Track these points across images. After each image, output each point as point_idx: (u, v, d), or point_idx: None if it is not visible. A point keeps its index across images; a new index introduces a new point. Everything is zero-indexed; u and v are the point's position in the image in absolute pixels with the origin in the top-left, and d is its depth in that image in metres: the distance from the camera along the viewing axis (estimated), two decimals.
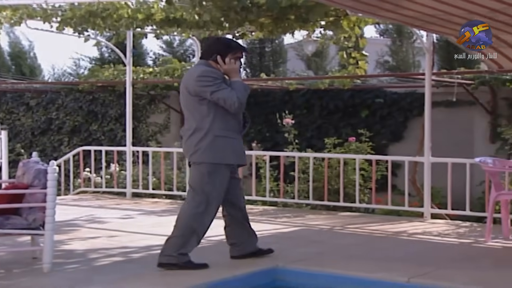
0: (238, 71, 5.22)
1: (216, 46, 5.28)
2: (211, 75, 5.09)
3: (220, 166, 5.14)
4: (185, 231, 5.15)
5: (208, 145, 5.10)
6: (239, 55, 5.26)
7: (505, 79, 10.24)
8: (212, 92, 5.04)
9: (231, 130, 5.18)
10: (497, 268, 5.42)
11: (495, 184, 6.65)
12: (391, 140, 12.11)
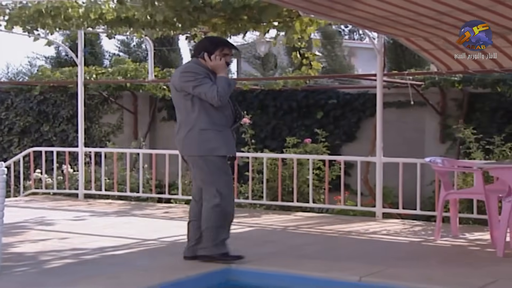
0: (224, 67, 5.36)
1: (203, 44, 5.49)
2: (193, 71, 5.29)
3: (213, 158, 5.28)
4: (211, 223, 5.31)
5: (196, 139, 5.28)
6: (227, 52, 5.40)
7: (454, 80, 10.43)
8: (193, 87, 5.23)
9: (217, 124, 5.30)
10: (445, 266, 5.52)
11: (444, 184, 6.76)
12: (344, 141, 12.23)
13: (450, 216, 6.95)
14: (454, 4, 5.55)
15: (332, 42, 16.96)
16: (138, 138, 12.85)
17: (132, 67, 13.57)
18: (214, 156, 5.28)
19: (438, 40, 7.08)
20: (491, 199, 6.33)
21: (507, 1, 5.35)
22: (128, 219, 8.20)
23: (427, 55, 7.65)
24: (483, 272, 5.20)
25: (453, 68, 7.92)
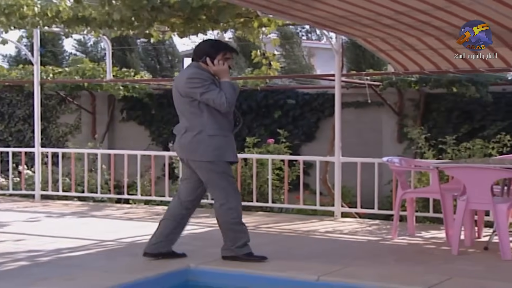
0: (227, 71, 5.34)
1: (205, 48, 5.42)
2: (199, 77, 5.25)
3: (221, 163, 5.34)
4: (228, 226, 5.41)
5: (205, 144, 5.28)
6: (228, 56, 5.38)
7: (411, 80, 10.57)
8: (201, 94, 5.21)
9: (223, 129, 5.33)
10: (402, 264, 5.59)
11: (401, 183, 6.85)
12: (303, 141, 12.29)
13: (407, 215, 7.04)
14: (411, 4, 5.63)
15: (291, 42, 17.04)
16: (95, 139, 12.72)
17: (89, 66, 13.42)
18: (223, 161, 5.33)
19: (395, 41, 7.17)
20: (447, 198, 6.44)
21: (461, 2, 5.44)
22: (86, 220, 8.11)
23: (384, 56, 7.74)
24: (438, 270, 5.28)
25: (410, 69, 8.02)
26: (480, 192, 5.86)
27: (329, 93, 11.70)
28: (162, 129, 13.51)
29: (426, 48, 7.26)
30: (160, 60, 18.99)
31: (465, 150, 8.76)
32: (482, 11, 5.69)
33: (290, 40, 16.93)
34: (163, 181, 9.44)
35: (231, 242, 5.45)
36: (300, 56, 17.21)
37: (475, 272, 5.27)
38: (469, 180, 5.96)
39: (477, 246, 6.21)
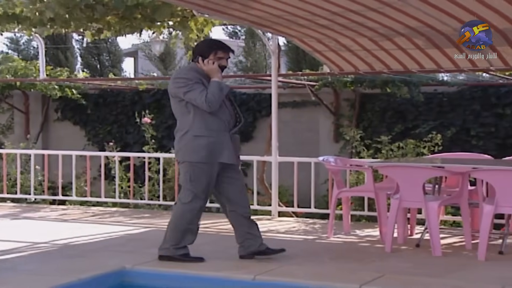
0: (217, 71, 5.29)
1: (198, 48, 5.45)
2: (184, 77, 5.27)
3: (202, 165, 5.26)
4: (177, 226, 5.39)
5: (187, 145, 5.27)
6: (221, 56, 5.33)
7: (346, 81, 10.73)
8: (184, 93, 5.21)
9: (212, 130, 5.25)
10: (337, 262, 5.65)
11: (337, 182, 6.93)
12: (241, 140, 12.20)
13: (343, 214, 7.12)
14: (345, 5, 5.71)
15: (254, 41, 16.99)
16: (28, 139, 12.43)
17: (21, 65, 13.10)
18: (204, 163, 5.26)
19: (330, 42, 7.26)
20: (380, 197, 6.55)
21: (393, 4, 5.55)
22: (19, 222, 7.92)
23: (320, 56, 7.83)
24: (372, 267, 5.36)
25: (345, 69, 8.13)
26: (412, 190, 5.98)
27: (266, 93, 11.76)
28: (98, 129, 13.33)
29: (361, 49, 7.38)
30: (101, 59, 18.73)
31: (398, 150, 8.94)
32: (413, 12, 5.82)
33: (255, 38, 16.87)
34: (99, 182, 9.31)
35: (172, 242, 5.41)
36: (262, 54, 17.18)
37: (406, 268, 5.36)
38: (402, 179, 6.08)
39: (410, 243, 6.33)
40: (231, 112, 5.37)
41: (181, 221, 5.41)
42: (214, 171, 5.34)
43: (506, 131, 10.34)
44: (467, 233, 6.16)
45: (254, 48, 17.06)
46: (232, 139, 5.38)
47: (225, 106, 5.32)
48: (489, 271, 5.12)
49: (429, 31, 6.31)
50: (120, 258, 5.57)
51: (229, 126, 5.35)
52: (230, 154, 5.34)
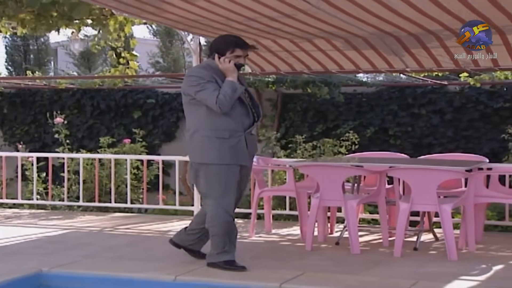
0: (233, 70, 5.06)
1: (215, 45, 5.20)
2: (197, 75, 5.06)
3: (214, 166, 5.04)
4: (214, 232, 5.17)
5: (198, 145, 5.07)
6: (239, 54, 5.12)
7: (268, 81, 10.81)
8: (196, 92, 5.01)
9: (224, 130, 5.02)
10: (258, 261, 5.66)
11: (258, 182, 6.98)
12: (163, 140, 12.26)
13: (264, 213, 7.18)
14: (260, 11, 5.73)
15: (171, 40, 16.83)
16: None
17: None
18: (214, 164, 5.02)
19: (250, 43, 7.27)
20: (301, 196, 6.63)
21: (307, 11, 5.63)
22: None
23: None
24: (292, 266, 5.42)
25: (266, 69, 8.19)
26: (332, 189, 6.08)
27: None
28: (15, 129, 12.97)
29: (281, 50, 7.45)
30: (27, 57, 18.12)
31: (314, 149, 9.08)
32: (328, 19, 5.92)
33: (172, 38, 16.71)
34: (16, 183, 9.05)
35: (213, 248, 5.21)
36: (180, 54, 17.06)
37: (326, 266, 5.47)
38: (322, 178, 6.18)
39: (330, 242, 6.44)
40: (246, 111, 5.12)
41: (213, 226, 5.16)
42: (230, 172, 5.05)
43: (422, 131, 10.66)
44: (384, 230, 6.33)
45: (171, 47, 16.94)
46: (247, 139, 5.12)
47: (239, 105, 5.06)
48: (404, 267, 5.27)
49: (346, 35, 6.44)
50: (37, 261, 5.44)
51: (244, 126, 5.08)
52: (244, 155, 5.12)
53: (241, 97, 5.09)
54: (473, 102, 10.37)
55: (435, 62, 7.39)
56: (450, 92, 10.59)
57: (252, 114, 5.16)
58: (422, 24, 6.06)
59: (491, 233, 7.04)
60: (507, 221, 7.18)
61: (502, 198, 6.41)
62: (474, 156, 7.31)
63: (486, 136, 10.16)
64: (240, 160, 5.09)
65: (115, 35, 7.70)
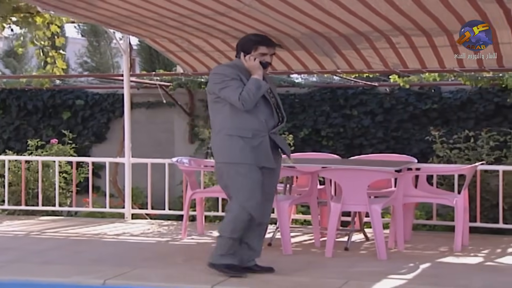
0: (258, 68, 4.97)
1: (241, 44, 5.14)
2: (221, 72, 5.00)
3: (237, 166, 4.90)
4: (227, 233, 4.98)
5: (222, 145, 4.98)
6: (264, 52, 5.03)
7: (201, 81, 10.74)
8: (220, 90, 4.94)
9: (247, 129, 4.93)
10: (190, 264, 5.63)
11: (190, 183, 6.93)
12: (94, 142, 12.04)
13: (196, 215, 7.13)
14: (194, 8, 5.70)
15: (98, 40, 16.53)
16: None
17: None
18: (238, 164, 4.90)
19: (182, 42, 7.23)
20: None
21: (241, 9, 5.62)
22: None
23: (173, 57, 7.78)
24: None
25: (198, 70, 8.14)
26: None
27: (119, 93, 11.55)
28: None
29: (213, 50, 7.41)
30: None
31: None
32: (262, 18, 5.92)
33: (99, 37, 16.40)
34: None
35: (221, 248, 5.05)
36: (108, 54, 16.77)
37: None
38: None
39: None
40: (271, 111, 5.03)
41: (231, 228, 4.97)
42: (253, 173, 4.91)
43: (353, 132, 10.79)
44: (316, 231, 6.36)
45: (98, 47, 16.66)
46: (273, 139, 5.03)
47: (263, 104, 4.99)
48: (335, 267, 5.31)
49: (279, 35, 6.44)
50: None
51: (268, 126, 4.99)
52: (267, 156, 5.00)
53: (266, 96, 5.02)
54: (403, 103, 10.57)
55: (365, 63, 7.49)
56: (380, 93, 10.77)
57: (277, 114, 5.10)
58: (352, 25, 6.13)
59: (419, 232, 7.19)
60: (434, 220, 7.33)
61: (430, 197, 6.54)
62: (403, 157, 7.44)
63: (415, 136, 10.37)
64: (263, 161, 4.97)
65: (42, 34, 7.49)
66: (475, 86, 9.92)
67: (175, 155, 9.51)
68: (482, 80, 9.57)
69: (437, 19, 5.81)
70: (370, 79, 10.36)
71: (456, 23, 5.89)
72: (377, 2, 5.35)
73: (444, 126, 9.93)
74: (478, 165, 6.78)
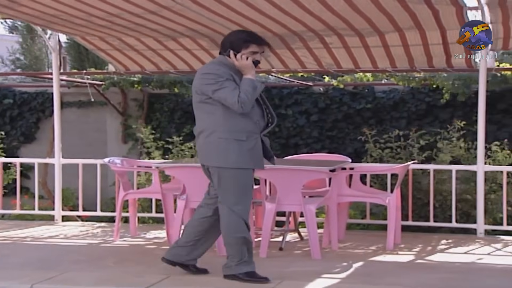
0: (251, 67, 4.77)
1: (230, 40, 4.85)
2: (214, 73, 4.72)
3: (231, 170, 4.76)
4: (230, 242, 4.86)
5: (215, 148, 4.77)
6: (255, 50, 4.81)
7: (134, 80, 10.57)
8: (213, 91, 4.69)
9: (241, 132, 4.76)
10: (122, 266, 5.53)
11: (123, 184, 6.81)
12: (22, 142, 11.70)
13: (129, 216, 7.01)
14: (124, 7, 5.57)
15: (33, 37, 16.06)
16: None
17: None
18: (232, 169, 4.74)
19: (113, 40, 7.08)
20: (167, 198, 6.51)
21: (172, 7, 5.54)
22: None
23: (104, 55, 7.63)
24: (157, 269, 5.29)
25: (131, 69, 8.01)
26: (198, 191, 5.96)
27: (49, 92, 11.25)
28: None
29: (146, 48, 7.30)
30: None
31: (188, 150, 8.98)
32: (194, 16, 5.85)
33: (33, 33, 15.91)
34: None
35: (231, 259, 4.88)
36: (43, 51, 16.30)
37: None
38: (188, 179, 6.08)
39: None
40: (262, 111, 4.90)
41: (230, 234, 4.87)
42: (248, 177, 4.82)
43: (289, 131, 10.82)
44: (251, 231, 6.30)
45: (33, 45, 16.23)
46: (263, 141, 4.92)
47: (256, 105, 4.84)
48: (269, 267, 5.27)
49: (212, 33, 6.39)
50: None
51: (259, 127, 4.87)
52: (260, 158, 4.89)
53: (257, 96, 4.87)
54: (337, 103, 10.65)
55: (300, 63, 7.51)
56: (315, 93, 10.83)
57: (266, 115, 4.96)
58: (286, 25, 6.13)
59: (353, 231, 7.25)
60: (368, 219, 7.41)
61: (363, 197, 6.60)
62: (338, 156, 7.49)
63: (350, 136, 10.47)
64: (257, 164, 4.89)
65: None
66: (407, 86, 10.09)
67: (108, 155, 9.35)
68: (414, 80, 9.73)
69: (369, 20, 5.86)
70: (305, 78, 10.40)
71: (388, 23, 5.96)
72: (310, 2, 5.35)
73: (378, 126, 10.06)
74: (410, 164, 6.88)
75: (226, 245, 4.93)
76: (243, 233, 4.84)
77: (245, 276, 4.86)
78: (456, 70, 7.64)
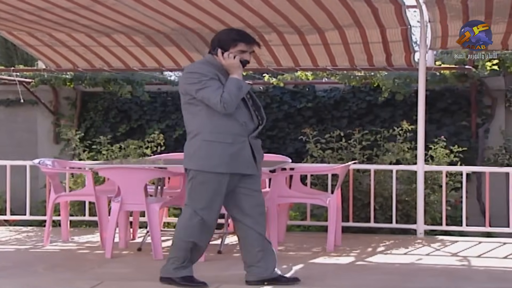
0: (238, 67, 4.56)
1: (219, 38, 4.65)
2: (198, 72, 4.53)
3: (209, 175, 4.53)
4: (180, 245, 4.67)
5: (195, 150, 4.58)
6: (243, 49, 4.58)
7: (66, 78, 10.22)
8: (196, 91, 4.50)
9: (227, 134, 4.53)
10: (52, 272, 5.30)
11: (54, 186, 6.55)
12: None
13: (61, 220, 6.74)
14: (54, 1, 5.32)
15: None
16: None
17: None
18: (214, 172, 4.51)
19: (43, 36, 6.79)
20: (101, 200, 6.31)
21: (105, 2, 5.32)
22: None
23: (34, 51, 7.33)
24: (89, 275, 5.11)
25: (62, 66, 7.73)
26: (133, 192, 5.81)
27: None
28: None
29: (78, 45, 7.04)
30: None
31: (119, 150, 8.69)
32: (129, 12, 5.66)
33: None
34: None
35: (174, 260, 4.69)
36: None
37: (126, 274, 5.21)
38: (122, 181, 5.89)
39: (132, 248, 6.20)
40: (249, 113, 4.65)
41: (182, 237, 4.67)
42: (224, 183, 4.56)
43: None
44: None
45: None
46: (252, 144, 4.63)
47: (243, 106, 4.60)
48: (207, 271, 5.09)
49: (147, 30, 6.18)
50: None
51: (247, 129, 4.61)
52: (248, 162, 4.61)
53: (244, 97, 4.63)
54: (278, 102, 10.55)
55: None
56: (255, 91, 10.68)
57: (256, 116, 4.71)
58: (224, 21, 5.97)
59: (293, 233, 7.16)
60: (308, 220, 7.31)
61: (303, 198, 6.50)
62: (278, 156, 7.37)
63: (290, 136, 10.38)
64: (243, 168, 4.60)
65: None
66: (348, 85, 10.05)
67: (39, 156, 9.01)
68: (354, 79, 9.70)
69: (308, 16, 5.76)
70: (244, 77, 10.22)
71: (327, 20, 5.88)
72: None
73: (319, 125, 10.00)
74: (350, 164, 6.81)
75: (174, 246, 4.74)
76: (196, 238, 4.66)
77: (181, 281, 4.68)
78: (396, 69, 7.64)
